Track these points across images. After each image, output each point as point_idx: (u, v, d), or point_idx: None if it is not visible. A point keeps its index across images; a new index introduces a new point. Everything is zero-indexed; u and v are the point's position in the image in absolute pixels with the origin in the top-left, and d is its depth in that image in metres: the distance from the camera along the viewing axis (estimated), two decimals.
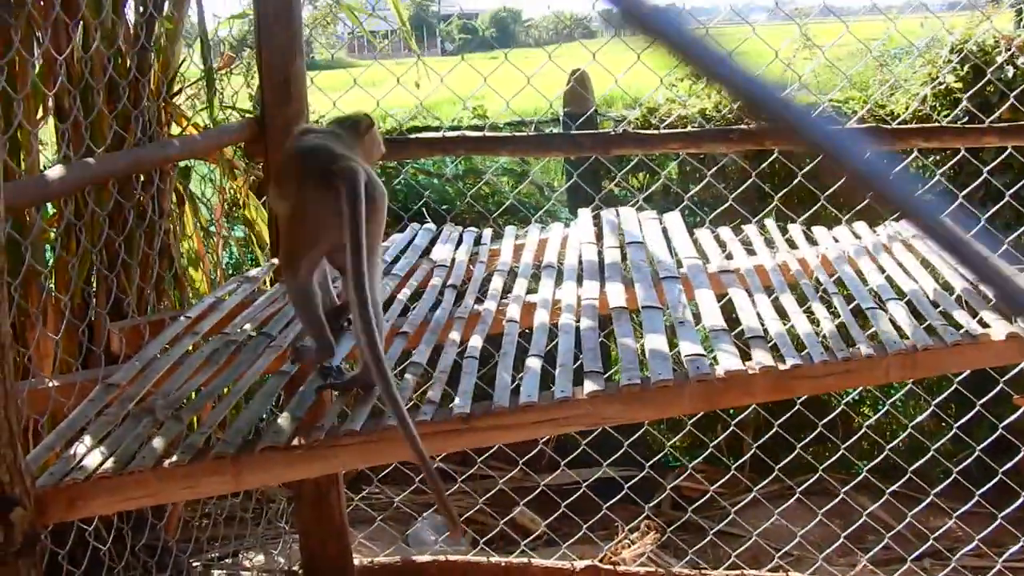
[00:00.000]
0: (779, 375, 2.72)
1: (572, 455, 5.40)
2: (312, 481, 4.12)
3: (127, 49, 4.13)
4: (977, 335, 2.85)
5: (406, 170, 6.19)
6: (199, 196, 5.16)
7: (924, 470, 5.30)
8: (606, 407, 2.64)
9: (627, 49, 5.06)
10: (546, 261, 3.68)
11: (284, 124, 3.93)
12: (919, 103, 5.94)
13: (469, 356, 2.88)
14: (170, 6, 4.34)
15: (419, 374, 2.84)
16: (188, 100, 4.99)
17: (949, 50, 6.10)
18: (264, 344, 2.99)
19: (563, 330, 3.00)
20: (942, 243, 1.11)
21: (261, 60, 3.95)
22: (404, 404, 2.37)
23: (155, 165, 4.13)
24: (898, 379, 3.22)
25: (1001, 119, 4.81)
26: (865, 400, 6.25)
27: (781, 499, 5.54)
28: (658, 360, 2.72)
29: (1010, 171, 5.32)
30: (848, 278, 3.39)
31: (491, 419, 2.58)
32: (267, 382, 2.83)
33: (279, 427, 2.51)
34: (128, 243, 4.11)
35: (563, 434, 5.58)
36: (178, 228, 4.64)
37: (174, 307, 4.45)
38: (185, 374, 2.83)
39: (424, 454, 2.34)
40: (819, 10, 5.42)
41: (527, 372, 2.75)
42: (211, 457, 2.44)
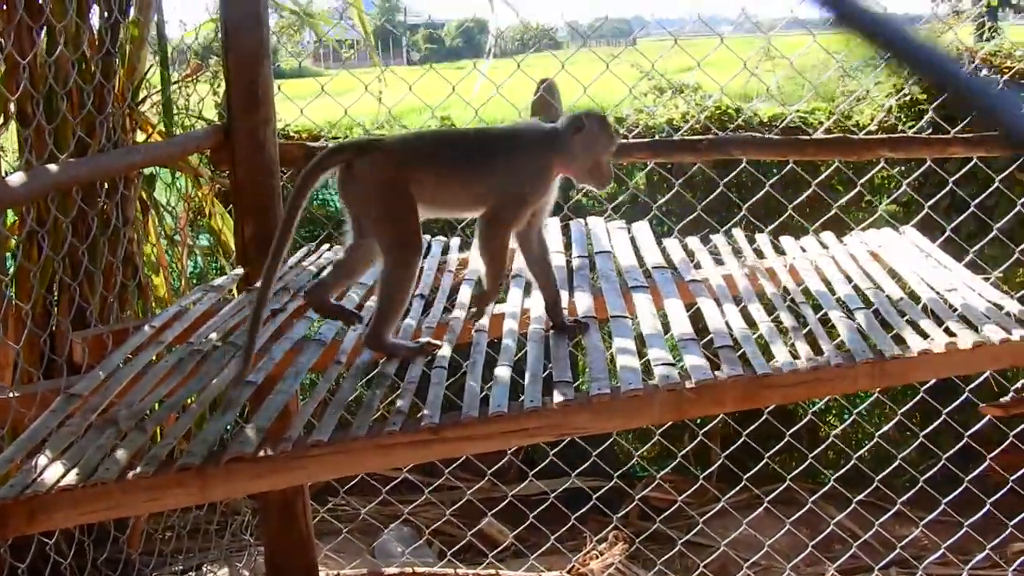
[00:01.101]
0: (748, 384, 2.71)
1: (540, 466, 5.38)
2: (278, 493, 4.08)
3: (92, 54, 4.10)
4: (944, 344, 2.86)
5: None
6: (164, 204, 5.12)
7: (890, 479, 5.31)
8: (575, 417, 2.62)
9: (594, 59, 5.07)
10: (515, 270, 3.66)
11: (250, 131, 3.90)
12: (885, 114, 5.97)
13: (437, 366, 2.86)
14: (136, 11, 4.30)
15: (387, 384, 2.81)
16: (154, 107, 4.95)
17: None
18: (230, 354, 2.95)
19: (532, 339, 2.98)
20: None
21: (228, 65, 3.92)
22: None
23: (119, 172, 4.09)
24: (866, 388, 3.22)
25: (966, 130, 4.83)
26: (831, 409, 6.27)
27: (749, 509, 5.54)
28: (627, 369, 2.71)
29: (975, 182, 5.35)
30: (816, 287, 3.39)
31: (460, 429, 2.56)
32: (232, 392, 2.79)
33: (245, 438, 2.47)
34: (91, 251, 4.07)
35: (531, 445, 5.57)
36: (142, 236, 4.59)
37: (138, 316, 4.41)
38: (149, 384, 2.79)
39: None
40: (784, 23, 5.43)
41: (496, 382, 2.72)
42: (176, 468, 2.40)
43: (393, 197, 2.89)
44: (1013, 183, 5.23)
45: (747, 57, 5.64)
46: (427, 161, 2.96)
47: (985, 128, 4.74)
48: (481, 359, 2.90)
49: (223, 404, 2.70)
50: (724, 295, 3.29)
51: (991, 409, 3.60)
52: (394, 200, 2.89)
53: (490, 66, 5.44)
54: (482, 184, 2.97)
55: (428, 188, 2.93)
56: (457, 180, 3.00)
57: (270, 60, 4.01)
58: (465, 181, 2.99)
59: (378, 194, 2.90)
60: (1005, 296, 3.20)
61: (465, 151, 3.02)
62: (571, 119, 2.97)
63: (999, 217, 5.24)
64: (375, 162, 2.90)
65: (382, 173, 2.90)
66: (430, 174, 2.94)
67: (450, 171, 2.99)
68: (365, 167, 2.90)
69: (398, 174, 2.89)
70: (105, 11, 4.16)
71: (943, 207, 5.36)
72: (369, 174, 2.90)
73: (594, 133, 2.97)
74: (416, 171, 2.91)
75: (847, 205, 5.35)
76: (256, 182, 3.97)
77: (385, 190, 2.89)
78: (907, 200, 5.82)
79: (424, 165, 2.94)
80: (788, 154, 4.60)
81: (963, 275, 3.42)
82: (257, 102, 3.91)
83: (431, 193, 2.95)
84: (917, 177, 5.31)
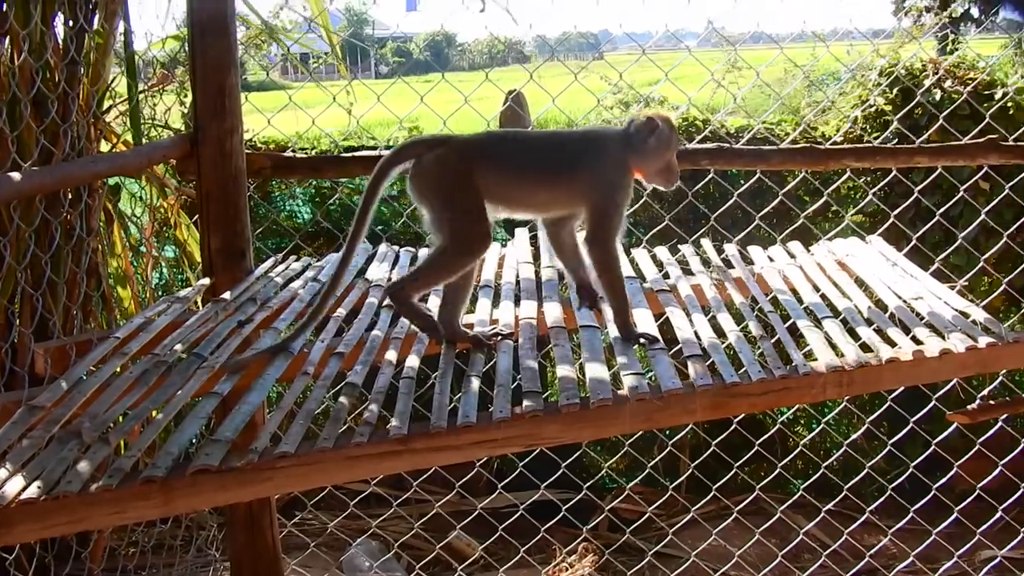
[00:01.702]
0: (718, 393, 2.71)
1: (509, 478, 5.36)
2: (244, 506, 4.04)
3: (56, 62, 4.06)
4: (911, 352, 2.87)
5: (341, 190, 6.13)
6: (129, 215, 5.07)
7: (859, 488, 5.33)
8: (545, 427, 2.61)
9: (563, 71, 5.07)
10: (483, 281, 3.65)
11: (217, 140, 3.88)
12: (850, 125, 6.00)
13: (406, 376, 2.84)
14: (101, 20, 4.27)
15: (355, 395, 2.79)
16: (119, 117, 4.91)
17: (878, 73, 6.18)
18: (195, 365, 2.92)
19: (501, 350, 2.97)
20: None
21: (194, 73, 3.89)
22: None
23: (83, 181, 4.06)
24: (834, 396, 3.21)
25: (930, 140, 4.86)
26: (800, 419, 6.28)
27: (718, 519, 5.54)
28: (597, 380, 2.70)
29: (940, 191, 5.39)
30: (784, 297, 3.40)
31: (428, 440, 2.54)
32: (198, 404, 2.76)
33: (211, 450, 2.44)
34: (54, 261, 4.03)
35: (500, 456, 5.55)
36: (107, 247, 4.55)
37: (102, 327, 4.37)
38: (113, 396, 2.76)
39: None
40: (750, 35, 5.46)
41: (465, 392, 2.70)
42: (140, 481, 2.36)
43: (458, 191, 2.96)
44: (977, 192, 5.27)
45: (714, 69, 5.66)
46: (497, 159, 3.03)
47: (946, 138, 4.78)
48: (450, 369, 2.88)
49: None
50: (693, 305, 3.29)
51: (958, 417, 3.61)
52: (459, 194, 2.96)
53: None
54: (564, 188, 3.04)
55: (498, 186, 3.00)
56: (532, 181, 3.06)
57: (237, 69, 3.98)
58: (542, 183, 3.06)
59: (444, 188, 2.97)
60: (971, 304, 3.21)
61: (541, 153, 3.07)
62: (646, 121, 3.02)
63: (964, 226, 5.28)
64: (443, 157, 2.98)
65: (449, 168, 2.97)
66: (500, 172, 3.01)
67: (524, 171, 3.05)
68: (433, 162, 2.98)
69: (465, 169, 2.96)
70: (70, 19, 4.12)
71: (909, 217, 5.40)
72: (437, 168, 2.98)
73: (666, 134, 3.04)
74: (484, 168, 2.98)
75: (814, 215, 5.37)
76: (223, 192, 3.94)
77: (451, 184, 2.97)
78: (873, 210, 5.85)
79: (494, 162, 3.01)
80: (755, 164, 4.61)
81: (929, 284, 3.44)
82: (224, 111, 3.89)
83: (502, 191, 3.02)
84: (883, 187, 5.34)
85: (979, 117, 5.00)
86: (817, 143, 5.48)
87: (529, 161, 3.04)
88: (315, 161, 4.84)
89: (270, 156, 4.39)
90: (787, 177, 5.38)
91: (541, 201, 3.11)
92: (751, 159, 4.53)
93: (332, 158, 4.81)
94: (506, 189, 3.03)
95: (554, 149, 3.07)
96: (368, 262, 4.00)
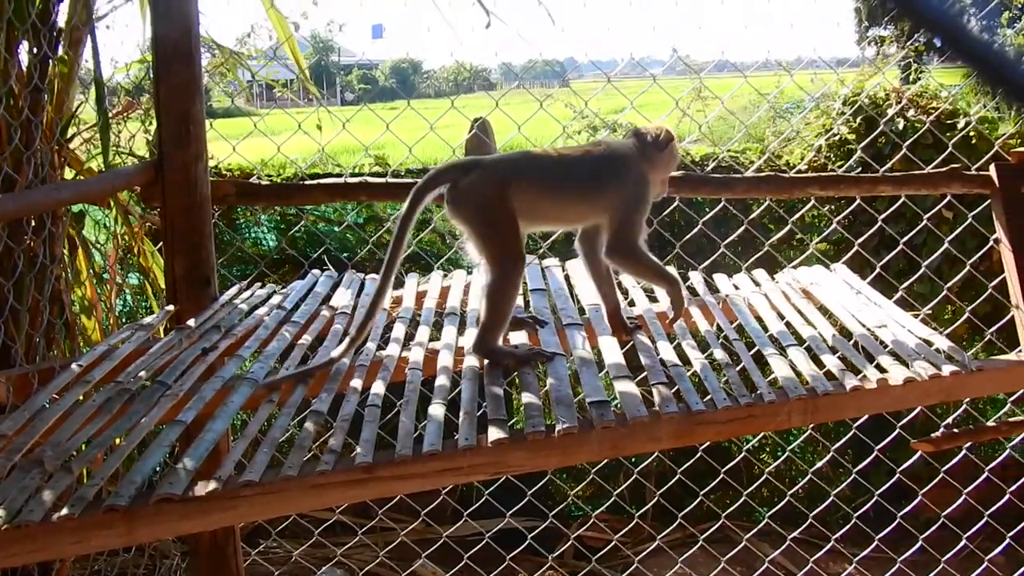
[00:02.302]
0: (683, 421, 2.73)
1: (475, 506, 5.35)
2: (208, 535, 4.01)
3: (20, 89, 4.03)
4: (875, 380, 2.90)
5: (307, 217, 6.13)
6: (93, 242, 5.04)
7: (824, 516, 5.35)
8: (511, 455, 2.61)
9: (529, 99, 5.09)
10: (449, 308, 3.65)
11: (182, 167, 3.87)
12: (814, 153, 6.05)
13: (371, 404, 2.83)
14: (65, 47, 4.25)
15: (320, 423, 2.78)
16: (83, 144, 4.89)
17: (842, 103, 6.24)
18: (159, 393, 2.90)
19: (466, 377, 2.97)
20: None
21: (159, 100, 3.88)
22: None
23: (47, 209, 4.03)
24: (799, 424, 3.24)
25: (894, 169, 4.91)
26: (765, 447, 6.30)
27: (684, 547, 5.54)
28: (562, 407, 2.70)
29: (903, 220, 5.44)
30: (749, 324, 3.42)
31: (394, 468, 2.53)
32: (162, 432, 2.74)
33: (175, 478, 2.43)
34: (17, 289, 3.99)
35: (466, 484, 5.54)
36: (70, 274, 4.52)
37: (65, 355, 4.33)
38: (76, 424, 2.73)
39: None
40: (714, 64, 5.50)
41: (430, 420, 2.70)
42: (103, 510, 2.34)
43: (495, 212, 3.06)
44: (940, 221, 5.32)
45: (679, 97, 5.70)
46: (529, 177, 3.13)
47: (910, 167, 4.83)
48: (415, 397, 2.87)
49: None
50: (658, 332, 3.30)
51: (922, 445, 3.64)
52: (496, 215, 3.06)
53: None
54: (593, 200, 3.17)
55: (530, 203, 3.10)
56: (565, 196, 3.18)
57: (202, 96, 3.98)
58: (573, 198, 3.18)
59: (481, 210, 3.07)
60: (934, 332, 3.24)
61: (570, 169, 3.17)
62: (664, 133, 3.21)
63: (927, 254, 5.32)
64: (478, 179, 3.07)
65: (485, 190, 3.07)
66: (532, 190, 3.11)
67: (556, 188, 3.16)
68: (469, 185, 3.07)
69: (500, 190, 3.06)
70: (34, 46, 4.10)
71: (873, 245, 5.44)
72: (473, 191, 3.06)
73: (675, 149, 3.28)
74: (517, 187, 3.07)
75: (779, 243, 5.41)
76: (187, 219, 3.93)
77: (488, 205, 3.06)
78: (838, 238, 5.89)
79: (526, 181, 3.11)
80: (720, 192, 4.64)
81: (893, 312, 3.46)
82: (189, 138, 3.88)
83: (534, 208, 3.13)
84: (847, 215, 5.38)
85: (942, 146, 5.06)
86: (782, 171, 5.53)
87: (560, 178, 3.16)
88: (280, 188, 4.83)
89: (235, 183, 4.38)
90: (752, 205, 5.42)
91: (573, 215, 3.23)
92: (716, 187, 4.56)
93: (297, 185, 4.80)
94: (540, 206, 3.15)
95: (581, 165, 3.17)
96: (333, 290, 3.99)
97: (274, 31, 5.24)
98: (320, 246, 5.44)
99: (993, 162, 4.44)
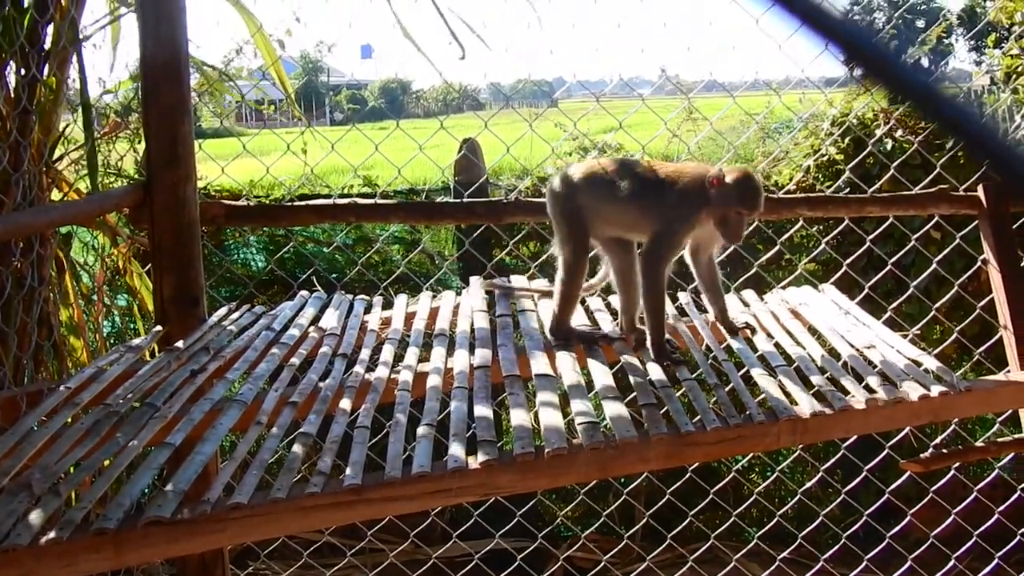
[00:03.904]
0: (673, 442, 2.73)
1: (464, 527, 5.33)
2: (197, 557, 3.99)
3: (7, 111, 4.03)
4: (864, 401, 2.90)
5: (295, 238, 6.12)
6: (81, 263, 5.03)
7: (813, 536, 5.34)
8: (500, 476, 2.61)
9: (517, 119, 5.10)
10: (438, 329, 3.65)
11: (171, 188, 3.87)
12: (803, 174, 6.07)
13: (360, 426, 2.82)
14: (52, 68, 4.25)
15: (309, 444, 2.77)
16: (71, 165, 4.88)
17: (830, 123, 6.26)
18: (148, 415, 2.89)
19: (455, 398, 2.96)
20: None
21: (148, 121, 3.88)
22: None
23: (35, 230, 4.02)
24: (788, 444, 3.25)
25: (882, 190, 4.92)
26: (755, 467, 6.30)
27: (674, 567, 5.54)
28: (551, 428, 2.70)
29: (891, 241, 5.44)
30: (737, 345, 3.43)
31: (383, 490, 2.53)
32: (151, 454, 2.73)
33: (163, 500, 2.42)
34: (5, 311, 3.98)
35: (455, 506, 5.52)
36: (58, 296, 4.50)
37: (53, 378, 4.31)
38: (64, 447, 2.72)
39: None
40: (703, 84, 5.51)
41: (419, 442, 2.70)
42: (91, 533, 2.33)
43: (568, 214, 3.44)
44: (928, 242, 5.33)
45: (668, 118, 5.71)
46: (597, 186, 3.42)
47: (898, 188, 4.84)
48: (404, 418, 2.87)
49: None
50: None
51: (911, 465, 3.64)
52: (569, 217, 3.43)
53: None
54: (642, 213, 3.39)
55: (594, 205, 3.42)
56: (616, 204, 3.41)
57: (191, 117, 3.98)
58: (625, 207, 3.41)
59: (556, 211, 3.48)
60: (923, 353, 3.25)
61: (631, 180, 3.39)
62: (716, 171, 3.35)
63: (916, 275, 5.34)
64: (557, 184, 3.48)
65: (560, 194, 3.46)
66: (597, 198, 3.42)
67: (614, 199, 3.39)
68: (551, 189, 3.51)
69: (572, 195, 3.43)
70: (22, 68, 4.10)
71: (861, 265, 5.45)
72: (553, 195, 3.49)
73: (727, 188, 3.30)
74: (586, 195, 3.42)
75: (768, 263, 5.41)
76: (176, 240, 3.93)
77: (562, 208, 3.46)
78: (826, 258, 5.91)
79: (593, 190, 3.42)
80: None
81: (882, 332, 3.47)
82: (177, 159, 3.88)
83: (599, 215, 3.43)
84: (835, 236, 5.39)
85: (930, 167, 5.07)
86: (770, 192, 5.54)
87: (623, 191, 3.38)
88: (269, 209, 4.83)
89: (224, 204, 4.38)
90: None
91: (625, 222, 3.45)
92: None
93: (286, 206, 4.80)
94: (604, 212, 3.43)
95: (645, 180, 3.40)
96: (322, 311, 3.99)
97: (260, 51, 5.24)
98: (309, 267, 5.43)
99: (981, 183, 4.46)
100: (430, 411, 2.90)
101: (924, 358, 3.20)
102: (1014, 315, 4.24)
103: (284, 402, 3.03)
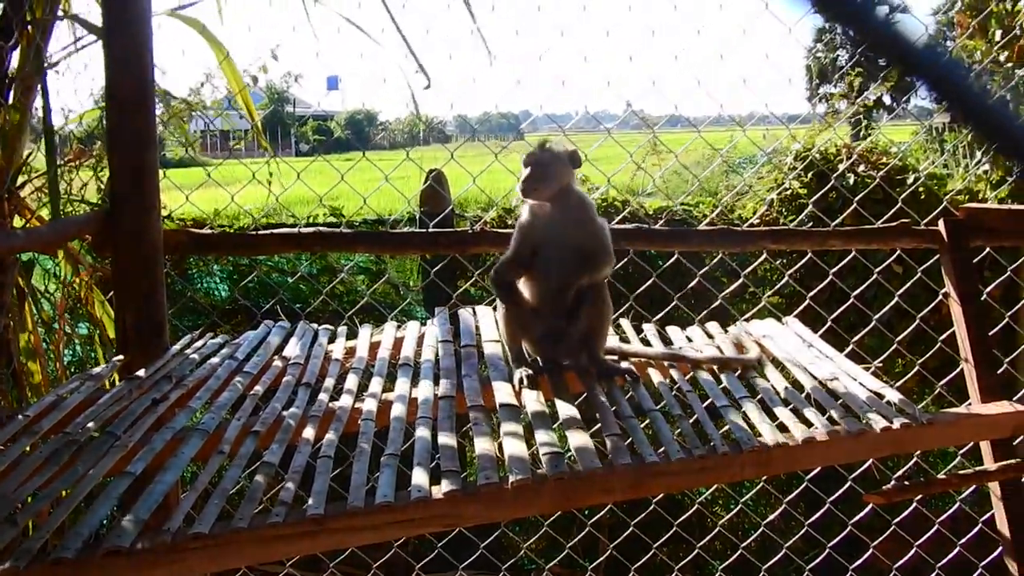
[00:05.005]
0: (637, 473, 2.72)
1: (427, 558, 5.30)
2: None
3: None
4: (827, 432, 2.92)
5: (260, 267, 6.10)
6: (42, 291, 4.99)
7: (777, 569, 5.34)
8: (464, 507, 2.59)
9: (484, 151, 5.11)
10: (402, 359, 3.64)
11: (134, 216, 3.84)
12: (767, 207, 6.11)
13: (323, 455, 2.81)
14: (16, 95, 4.22)
15: (271, 474, 2.75)
16: (34, 193, 4.84)
17: (793, 157, 6.31)
18: (108, 444, 2.86)
19: (420, 428, 2.95)
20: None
21: (112, 148, 3.86)
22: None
23: None
24: (752, 476, 3.26)
25: (845, 223, 4.96)
26: (718, 499, 6.30)
27: None
28: (515, 459, 2.69)
29: (854, 274, 5.48)
30: (702, 376, 3.43)
31: (345, 520, 2.51)
32: (110, 484, 2.70)
33: (123, 530, 2.39)
34: None
35: (419, 537, 5.49)
36: (18, 323, 4.46)
37: (11, 405, 4.27)
38: (22, 475, 2.69)
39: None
40: (668, 119, 5.55)
41: (383, 471, 2.69)
42: (48, 563, 2.30)
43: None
44: (891, 275, 5.37)
45: (633, 151, 5.74)
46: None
47: (860, 222, 4.88)
48: (368, 448, 2.86)
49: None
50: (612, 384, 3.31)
51: (874, 498, 3.65)
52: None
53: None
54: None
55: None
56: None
57: (156, 146, 3.96)
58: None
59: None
60: (885, 386, 3.26)
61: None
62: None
63: (878, 308, 5.37)
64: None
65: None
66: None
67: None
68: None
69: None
70: None
71: (824, 298, 5.48)
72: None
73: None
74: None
75: (731, 296, 5.43)
76: (139, 268, 3.90)
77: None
78: (790, 291, 5.93)
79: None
80: (674, 245, 4.67)
81: (844, 365, 3.49)
82: (142, 188, 3.86)
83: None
84: (799, 269, 5.42)
85: (892, 201, 5.12)
86: (735, 225, 5.57)
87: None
88: (234, 237, 4.81)
89: (188, 232, 4.36)
90: (705, 258, 5.45)
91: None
92: (670, 240, 4.59)
93: (251, 235, 4.78)
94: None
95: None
96: (286, 340, 3.97)
97: (227, 81, 5.23)
98: (273, 296, 5.41)
99: (942, 217, 4.50)
100: (394, 441, 2.88)
101: (886, 391, 3.22)
102: (975, 348, 4.28)
103: (247, 432, 3.01)
